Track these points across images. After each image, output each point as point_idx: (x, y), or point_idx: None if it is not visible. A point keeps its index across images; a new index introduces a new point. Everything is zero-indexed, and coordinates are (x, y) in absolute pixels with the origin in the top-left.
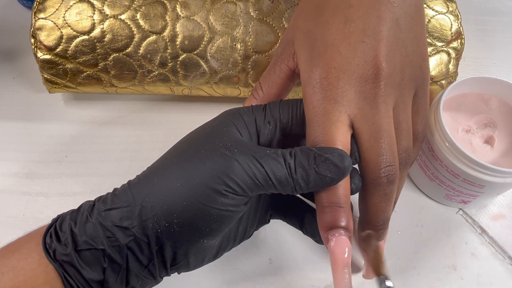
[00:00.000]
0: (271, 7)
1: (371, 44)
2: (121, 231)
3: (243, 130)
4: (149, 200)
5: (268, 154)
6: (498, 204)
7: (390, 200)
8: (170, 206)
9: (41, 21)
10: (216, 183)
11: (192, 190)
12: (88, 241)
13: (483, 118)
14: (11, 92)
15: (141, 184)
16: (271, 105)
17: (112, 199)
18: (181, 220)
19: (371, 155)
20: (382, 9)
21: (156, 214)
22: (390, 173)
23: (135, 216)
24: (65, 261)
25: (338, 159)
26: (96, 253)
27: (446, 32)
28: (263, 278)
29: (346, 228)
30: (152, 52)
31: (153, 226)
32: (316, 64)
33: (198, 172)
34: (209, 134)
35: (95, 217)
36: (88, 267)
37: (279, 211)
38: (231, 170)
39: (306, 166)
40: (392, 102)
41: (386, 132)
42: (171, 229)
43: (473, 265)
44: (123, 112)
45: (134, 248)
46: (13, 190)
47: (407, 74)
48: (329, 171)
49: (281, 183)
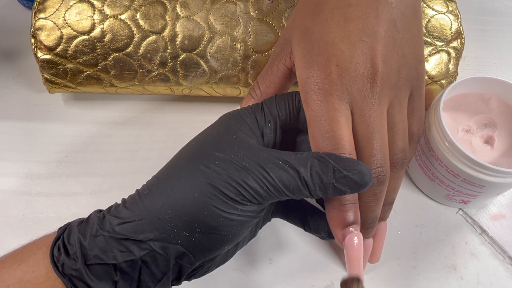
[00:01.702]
0: (271, 7)
1: (370, 44)
2: (135, 245)
3: (250, 134)
4: (166, 212)
5: (279, 166)
6: (498, 204)
7: (380, 200)
8: (190, 216)
9: (41, 21)
10: (234, 194)
11: (211, 201)
12: (99, 256)
13: (483, 118)
14: (11, 92)
15: (153, 195)
16: (267, 102)
17: (123, 211)
18: (203, 229)
19: (362, 155)
20: (380, 9)
21: (175, 225)
22: (380, 174)
23: (151, 229)
24: (74, 275)
25: (359, 177)
26: (107, 267)
27: (446, 32)
28: (263, 278)
29: (357, 222)
30: (152, 52)
31: (173, 237)
32: (316, 62)
33: (215, 183)
34: (219, 143)
35: (107, 231)
36: (98, 281)
37: (281, 210)
38: (246, 182)
39: (324, 180)
40: (387, 103)
41: (378, 134)
42: (193, 238)
43: (473, 265)
44: (123, 112)
45: (149, 261)
46: (13, 190)
47: (403, 75)
48: (348, 188)
49: (295, 193)
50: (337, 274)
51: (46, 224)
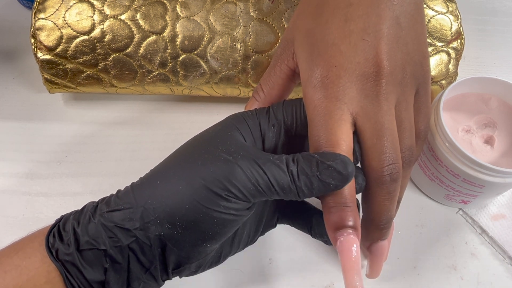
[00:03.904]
0: (271, 7)
1: (372, 42)
2: (123, 232)
3: (247, 135)
4: (152, 202)
5: (270, 161)
6: (498, 204)
7: (394, 198)
8: (173, 208)
9: (41, 21)
10: (219, 188)
11: (194, 193)
12: (90, 241)
13: (483, 118)
14: (11, 92)
15: (143, 186)
16: (274, 107)
17: (115, 200)
18: (184, 223)
19: (374, 153)
20: (382, 7)
21: (158, 216)
22: (393, 171)
23: (137, 218)
24: (67, 260)
25: (341, 166)
26: (98, 253)
27: (446, 32)
28: (263, 278)
29: (354, 227)
30: (152, 52)
31: (156, 228)
32: (317, 64)
33: (201, 176)
34: (213, 138)
35: (98, 218)
36: (90, 267)
37: (286, 216)
38: (233, 175)
39: (309, 173)
40: (394, 100)
41: (388, 130)
42: (174, 231)
43: (473, 265)
44: (123, 112)
45: (136, 249)
46: (13, 190)
47: (408, 72)
48: (332, 178)
49: (284, 190)
50: (337, 274)
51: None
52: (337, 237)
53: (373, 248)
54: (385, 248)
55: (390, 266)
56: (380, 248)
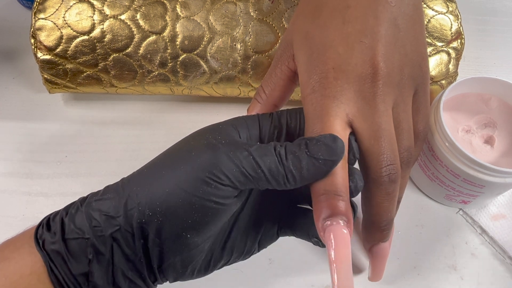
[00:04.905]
0: (271, 7)
1: (369, 44)
2: (107, 221)
3: (242, 131)
4: (136, 190)
5: (257, 145)
6: (498, 204)
7: (393, 199)
8: (154, 194)
9: (41, 21)
10: (200, 171)
11: (175, 178)
12: (76, 230)
13: (483, 118)
14: (11, 92)
15: (132, 176)
16: (278, 111)
17: (104, 190)
18: (163, 209)
19: (371, 154)
20: (379, 9)
21: (140, 202)
22: (391, 172)
23: (122, 205)
24: (53, 249)
25: (330, 139)
26: (83, 243)
27: (446, 32)
28: (263, 278)
29: (345, 215)
30: (152, 52)
31: (138, 215)
32: (315, 66)
33: (183, 160)
34: (203, 130)
35: (85, 208)
36: (74, 259)
37: (288, 226)
38: (216, 158)
39: (297, 151)
40: (391, 102)
41: (385, 131)
42: (154, 219)
43: (473, 265)
44: (123, 112)
45: (119, 239)
46: (13, 190)
47: (406, 73)
48: (321, 153)
49: (271, 172)
50: None
51: None
52: (324, 226)
53: (374, 250)
54: (387, 250)
55: (390, 266)
56: (381, 250)
